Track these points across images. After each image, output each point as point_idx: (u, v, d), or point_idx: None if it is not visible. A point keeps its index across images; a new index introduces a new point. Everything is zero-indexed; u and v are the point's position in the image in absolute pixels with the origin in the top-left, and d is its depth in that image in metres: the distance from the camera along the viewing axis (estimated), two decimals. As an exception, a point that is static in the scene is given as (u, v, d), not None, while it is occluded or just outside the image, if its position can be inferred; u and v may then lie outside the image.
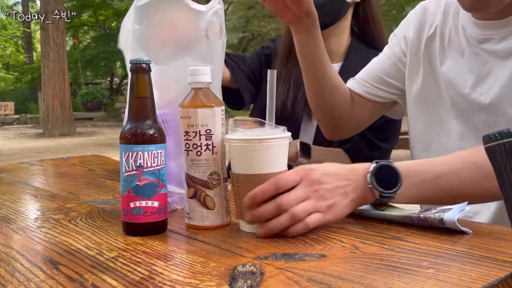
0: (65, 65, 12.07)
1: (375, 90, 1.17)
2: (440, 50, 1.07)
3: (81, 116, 14.78)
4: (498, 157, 0.66)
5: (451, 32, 1.06)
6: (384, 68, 1.17)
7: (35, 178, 1.34)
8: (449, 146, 1.04)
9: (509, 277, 0.53)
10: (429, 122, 1.10)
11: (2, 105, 16.05)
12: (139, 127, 0.73)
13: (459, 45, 1.04)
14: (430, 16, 1.11)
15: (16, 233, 0.78)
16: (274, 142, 0.73)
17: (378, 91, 1.17)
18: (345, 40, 1.44)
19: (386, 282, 0.52)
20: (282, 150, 0.75)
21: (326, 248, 0.65)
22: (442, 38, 1.07)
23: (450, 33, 1.06)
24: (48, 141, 10.71)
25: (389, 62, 1.17)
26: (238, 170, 0.75)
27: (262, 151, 0.73)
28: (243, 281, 0.54)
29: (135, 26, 0.87)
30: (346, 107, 1.18)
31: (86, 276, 0.57)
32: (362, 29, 1.43)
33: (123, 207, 0.74)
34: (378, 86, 1.17)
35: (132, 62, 0.74)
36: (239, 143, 0.74)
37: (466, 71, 1.02)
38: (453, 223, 0.68)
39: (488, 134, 0.68)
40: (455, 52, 1.05)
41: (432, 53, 1.09)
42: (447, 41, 1.06)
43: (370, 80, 1.18)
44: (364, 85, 1.18)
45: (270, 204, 0.71)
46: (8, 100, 17.83)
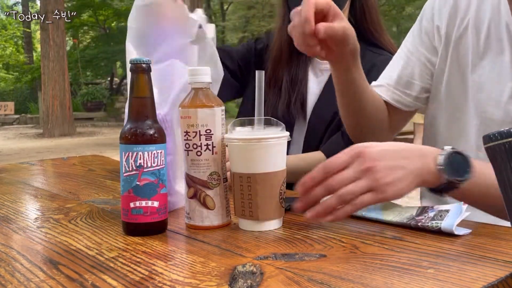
0: (65, 65, 12.07)
1: (404, 99, 1.09)
2: (475, 46, 0.96)
3: (81, 116, 14.79)
4: (498, 157, 0.66)
5: (490, 28, 0.94)
6: (415, 71, 1.07)
7: (35, 178, 1.34)
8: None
9: (509, 277, 0.53)
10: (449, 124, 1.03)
11: (2, 105, 16.06)
12: (139, 127, 0.73)
13: (499, 45, 0.93)
14: (462, 5, 0.99)
15: (16, 233, 0.78)
16: (272, 142, 0.74)
17: (407, 99, 1.09)
18: None
19: (386, 282, 0.52)
20: (281, 149, 0.75)
21: (326, 248, 0.65)
22: (478, 33, 0.96)
23: (489, 29, 0.94)
24: (48, 141, 10.71)
25: (418, 64, 1.07)
26: (237, 170, 0.76)
27: (260, 150, 0.74)
28: (243, 281, 0.54)
29: (133, 25, 0.88)
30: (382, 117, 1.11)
31: (86, 276, 0.57)
32: (359, 23, 1.38)
33: (123, 207, 0.74)
34: (409, 92, 1.09)
35: (132, 62, 0.74)
36: (238, 142, 0.75)
37: (505, 77, 0.92)
38: (451, 232, 0.68)
39: (488, 134, 0.68)
40: (493, 52, 0.94)
41: (462, 50, 0.99)
42: (485, 37, 0.95)
43: (399, 86, 1.09)
44: (393, 92, 1.10)
45: (319, 188, 0.70)
46: (8, 100, 17.85)
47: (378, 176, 0.70)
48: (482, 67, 0.96)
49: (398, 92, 1.09)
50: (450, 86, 1.02)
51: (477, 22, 0.96)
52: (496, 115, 0.93)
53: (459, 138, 1.02)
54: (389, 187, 0.70)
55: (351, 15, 1.39)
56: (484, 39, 0.95)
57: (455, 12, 1.00)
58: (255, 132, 0.76)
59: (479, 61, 0.96)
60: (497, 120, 0.93)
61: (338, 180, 0.70)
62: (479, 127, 0.97)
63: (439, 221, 0.69)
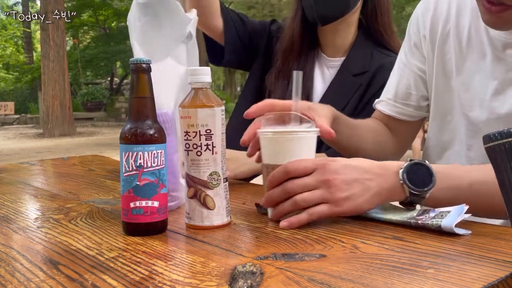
0: (65, 65, 12.07)
1: (406, 110, 1.12)
2: (457, 51, 1.00)
3: (81, 116, 14.79)
4: (498, 157, 0.66)
5: (470, 32, 0.98)
6: (410, 82, 1.11)
7: (35, 178, 1.34)
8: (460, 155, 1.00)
9: (509, 277, 0.53)
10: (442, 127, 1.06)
11: (2, 105, 16.06)
12: (139, 127, 0.73)
13: (481, 47, 0.96)
14: (443, 12, 1.03)
15: (16, 233, 0.78)
16: (302, 135, 0.78)
17: (408, 109, 1.12)
18: (351, 34, 1.38)
19: (386, 282, 0.52)
20: (310, 143, 0.79)
21: (326, 248, 0.65)
22: (459, 38, 0.99)
23: (470, 33, 0.98)
24: (48, 141, 10.71)
25: (412, 74, 1.10)
26: (268, 161, 0.80)
27: (290, 142, 0.77)
28: (243, 281, 0.54)
29: (136, 23, 0.88)
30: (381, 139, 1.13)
31: (86, 276, 0.57)
32: (370, 23, 1.38)
33: (123, 207, 0.74)
34: (408, 103, 1.11)
35: (132, 62, 0.74)
36: (270, 134, 0.79)
37: (488, 76, 0.95)
38: (451, 230, 0.68)
39: (488, 134, 0.68)
40: (475, 54, 0.97)
41: (446, 54, 1.02)
42: (466, 41, 0.98)
43: (398, 99, 1.12)
44: (393, 105, 1.13)
45: (278, 188, 0.73)
46: (8, 100, 17.85)
47: (333, 190, 0.72)
48: (466, 69, 0.99)
49: (398, 104, 1.13)
50: (438, 90, 1.05)
51: (458, 27, 1.00)
52: (482, 114, 0.96)
53: (452, 140, 1.04)
54: (345, 201, 0.72)
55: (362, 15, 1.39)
56: (465, 43, 0.99)
57: (436, 19, 1.04)
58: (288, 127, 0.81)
59: (463, 64, 0.99)
60: (483, 119, 0.95)
61: (296, 184, 0.72)
62: (467, 127, 0.99)
63: (440, 220, 0.69)
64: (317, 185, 0.72)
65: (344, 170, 0.73)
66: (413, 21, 1.11)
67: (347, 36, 1.38)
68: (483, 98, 0.95)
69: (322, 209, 0.72)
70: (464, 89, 0.99)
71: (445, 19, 1.03)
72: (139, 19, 0.89)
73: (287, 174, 0.73)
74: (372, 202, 0.74)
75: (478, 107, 0.96)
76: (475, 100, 0.97)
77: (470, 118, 0.98)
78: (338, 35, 1.37)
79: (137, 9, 0.89)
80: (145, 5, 0.89)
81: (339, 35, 1.37)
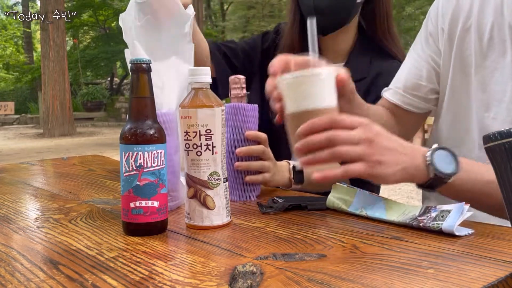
0: (65, 65, 12.07)
1: (414, 100, 1.10)
2: (477, 48, 0.98)
3: (81, 116, 14.79)
4: (498, 157, 0.66)
5: (493, 30, 0.95)
6: (423, 73, 1.08)
7: (35, 178, 1.34)
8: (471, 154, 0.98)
9: (509, 277, 0.53)
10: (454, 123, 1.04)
11: (2, 105, 16.05)
12: (139, 127, 0.73)
13: (503, 45, 0.94)
14: (465, 7, 1.00)
15: (16, 233, 0.78)
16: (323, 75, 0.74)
17: (416, 100, 1.10)
18: (351, 39, 1.36)
19: (386, 282, 0.52)
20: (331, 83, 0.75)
21: (326, 248, 0.65)
22: (481, 35, 0.97)
23: (492, 30, 0.95)
24: (48, 141, 10.71)
25: (426, 65, 1.08)
26: (292, 109, 0.75)
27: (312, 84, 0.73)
28: (243, 281, 0.54)
29: (136, 23, 0.88)
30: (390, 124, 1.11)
31: (86, 276, 0.57)
32: (368, 28, 1.35)
33: (123, 207, 0.74)
34: (417, 94, 1.09)
35: (132, 62, 0.74)
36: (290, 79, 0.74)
37: (507, 76, 0.93)
38: (452, 232, 0.68)
39: (488, 134, 0.68)
40: (496, 53, 0.95)
41: (465, 50, 1.00)
42: (487, 39, 0.96)
43: (407, 89, 1.10)
44: (402, 95, 1.10)
45: (320, 135, 0.71)
46: (8, 100, 17.84)
47: (374, 151, 0.72)
48: (485, 67, 0.97)
49: (407, 94, 1.11)
50: (454, 86, 1.03)
51: (479, 24, 0.98)
52: (499, 115, 0.95)
53: (464, 137, 1.02)
54: (379, 165, 0.72)
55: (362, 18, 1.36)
56: (487, 41, 0.96)
57: (457, 13, 1.01)
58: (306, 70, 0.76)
59: (482, 62, 0.97)
60: (500, 120, 0.94)
61: (341, 135, 0.71)
62: (481, 127, 0.98)
63: (440, 222, 0.69)
64: (359, 142, 0.71)
65: (386, 136, 0.74)
66: (433, 12, 1.08)
67: (347, 41, 1.36)
68: (502, 99, 0.94)
69: (358, 168, 0.71)
70: (482, 88, 0.97)
71: (467, 14, 1.00)
72: (139, 18, 0.89)
73: (332, 124, 0.72)
74: (398, 176, 0.74)
75: (495, 107, 0.95)
76: (493, 101, 0.96)
77: (485, 118, 0.97)
78: (338, 41, 1.35)
79: (136, 8, 0.89)
80: (144, 4, 0.89)
81: (339, 41, 1.35)
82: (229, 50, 1.40)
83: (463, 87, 1.01)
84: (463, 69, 1.01)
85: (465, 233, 0.69)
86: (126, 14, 0.90)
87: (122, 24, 0.91)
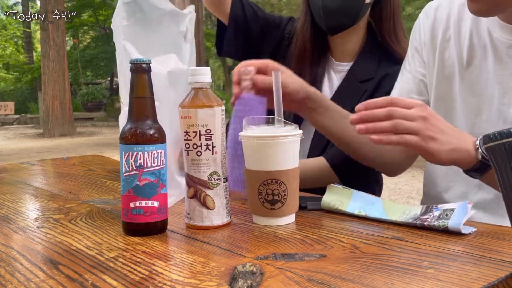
0: (65, 65, 12.06)
1: None
2: (459, 57, 1.01)
3: (81, 116, 14.78)
4: (498, 157, 0.66)
5: (472, 37, 0.99)
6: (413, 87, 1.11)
7: (35, 178, 1.34)
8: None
9: (509, 277, 0.53)
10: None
11: (2, 105, 16.04)
12: (139, 127, 0.73)
13: (483, 50, 0.97)
14: (443, 19, 1.05)
15: (16, 233, 0.78)
16: (286, 140, 0.77)
17: None
18: (360, 39, 1.36)
19: (386, 282, 0.52)
20: (294, 147, 0.78)
21: (326, 248, 0.65)
22: (461, 44, 1.01)
23: (471, 38, 0.99)
24: (48, 141, 10.70)
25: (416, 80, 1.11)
26: (251, 167, 0.78)
27: (274, 147, 0.76)
28: (243, 281, 0.54)
29: (124, 23, 0.88)
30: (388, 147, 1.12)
31: (86, 276, 0.57)
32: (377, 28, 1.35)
33: (123, 207, 0.74)
34: None
35: (132, 62, 0.74)
36: (252, 140, 0.77)
37: (493, 79, 0.96)
38: (458, 230, 0.68)
39: (488, 134, 0.68)
40: (478, 59, 0.98)
41: (447, 59, 1.03)
42: (468, 47, 1.00)
43: None
44: None
45: (381, 110, 0.80)
46: (8, 100, 17.83)
47: (428, 126, 0.79)
48: (470, 72, 1.00)
49: None
50: (439, 94, 1.06)
51: (458, 33, 1.02)
52: (490, 117, 0.97)
53: None
54: (431, 141, 0.79)
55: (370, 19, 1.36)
56: (467, 48, 1.00)
57: (436, 26, 1.06)
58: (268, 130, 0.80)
59: (466, 69, 1.00)
60: (491, 122, 0.96)
61: (400, 111, 0.79)
62: (473, 131, 0.98)
63: (446, 220, 0.69)
64: (415, 118, 0.79)
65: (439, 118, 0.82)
66: (416, 28, 1.12)
67: (355, 42, 1.36)
68: (491, 101, 0.96)
69: (414, 140, 0.78)
70: (470, 93, 1.00)
71: (445, 26, 1.04)
72: (127, 18, 0.88)
73: (391, 103, 0.80)
74: (448, 155, 0.80)
75: (486, 110, 0.97)
76: (483, 104, 0.98)
77: (477, 122, 0.99)
78: (347, 41, 1.35)
79: (123, 9, 0.88)
80: (131, 3, 0.88)
81: (348, 41, 1.35)
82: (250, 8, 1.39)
83: (447, 95, 1.04)
84: (445, 77, 1.04)
85: (469, 231, 0.69)
86: (115, 15, 0.90)
87: (112, 26, 0.91)
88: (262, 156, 0.77)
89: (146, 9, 0.89)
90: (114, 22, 0.90)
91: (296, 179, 0.79)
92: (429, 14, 1.08)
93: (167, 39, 0.92)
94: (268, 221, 0.78)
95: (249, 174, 0.79)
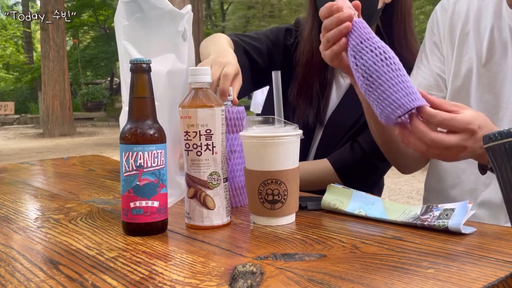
0: (65, 65, 12.06)
1: None
2: (478, 53, 0.99)
3: (81, 116, 14.78)
4: (498, 157, 0.66)
5: (493, 33, 0.97)
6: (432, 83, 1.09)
7: (35, 178, 1.34)
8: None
9: (509, 277, 0.53)
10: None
11: (2, 105, 16.04)
12: (139, 127, 0.73)
13: (504, 46, 0.96)
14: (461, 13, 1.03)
15: (16, 233, 0.78)
16: (286, 140, 0.77)
17: None
18: None
19: (386, 282, 0.52)
20: (294, 147, 0.78)
21: (326, 248, 0.65)
22: (480, 40, 0.99)
23: (492, 34, 0.97)
24: (48, 141, 10.70)
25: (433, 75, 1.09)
26: (251, 167, 0.79)
27: (274, 147, 0.76)
28: (243, 281, 0.54)
29: (124, 22, 0.88)
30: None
31: (86, 276, 0.57)
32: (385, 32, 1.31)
33: (123, 207, 0.74)
34: None
35: (132, 62, 0.74)
36: (252, 140, 0.77)
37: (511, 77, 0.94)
38: (458, 230, 0.68)
39: (488, 134, 0.68)
40: (497, 56, 0.97)
41: (465, 54, 1.01)
42: (488, 43, 0.98)
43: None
44: None
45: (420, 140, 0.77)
46: (8, 100, 17.83)
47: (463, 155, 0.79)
48: (488, 70, 0.98)
49: None
50: (454, 89, 1.04)
51: (478, 29, 0.99)
52: (506, 116, 0.96)
53: None
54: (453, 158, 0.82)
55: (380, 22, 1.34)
56: (487, 45, 0.97)
57: (455, 20, 1.03)
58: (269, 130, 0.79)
59: (484, 66, 0.98)
60: (506, 120, 0.95)
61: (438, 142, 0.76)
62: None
63: (446, 220, 0.69)
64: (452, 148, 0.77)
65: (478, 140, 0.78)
66: (433, 22, 1.10)
67: None
68: (508, 100, 0.95)
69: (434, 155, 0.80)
70: (487, 90, 0.98)
71: (464, 20, 1.02)
72: (127, 18, 0.88)
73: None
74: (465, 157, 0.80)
75: (502, 109, 0.96)
76: (500, 102, 0.97)
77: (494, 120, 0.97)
78: None
79: (123, 9, 0.88)
80: (131, 3, 0.88)
81: None
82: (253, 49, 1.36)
83: (463, 91, 1.02)
84: (463, 72, 1.02)
85: (469, 231, 0.69)
86: (116, 15, 0.90)
87: (115, 27, 0.92)
88: (262, 156, 0.77)
89: (146, 8, 0.89)
90: (115, 22, 0.91)
91: (296, 179, 0.79)
92: (447, 8, 1.06)
93: (166, 39, 0.92)
94: (268, 221, 0.78)
95: (249, 174, 0.79)
